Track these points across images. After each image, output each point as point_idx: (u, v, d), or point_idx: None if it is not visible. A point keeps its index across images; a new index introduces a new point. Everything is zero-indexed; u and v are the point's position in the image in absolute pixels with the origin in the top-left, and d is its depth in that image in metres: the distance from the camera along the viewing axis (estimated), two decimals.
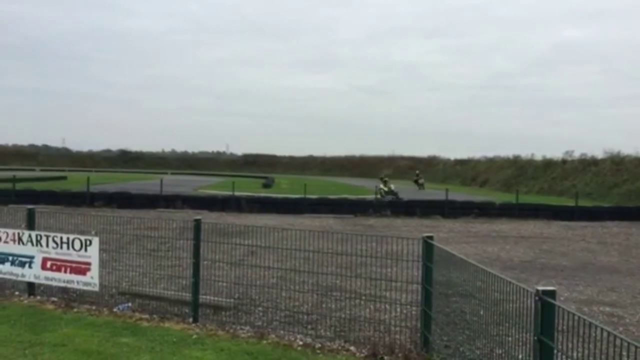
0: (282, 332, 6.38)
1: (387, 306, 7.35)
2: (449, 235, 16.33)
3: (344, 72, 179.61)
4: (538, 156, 53.66)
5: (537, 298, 3.56)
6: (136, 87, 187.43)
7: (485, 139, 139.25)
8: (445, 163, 75.86)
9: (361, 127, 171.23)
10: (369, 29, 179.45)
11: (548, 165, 50.17)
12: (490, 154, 65.68)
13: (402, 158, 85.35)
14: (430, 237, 5.91)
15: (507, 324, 4.33)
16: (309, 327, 6.62)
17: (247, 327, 6.46)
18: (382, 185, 30.27)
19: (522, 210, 22.29)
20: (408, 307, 7.20)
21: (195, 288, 6.72)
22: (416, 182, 45.23)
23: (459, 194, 31.70)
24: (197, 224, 6.77)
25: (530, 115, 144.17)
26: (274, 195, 26.16)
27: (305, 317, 6.97)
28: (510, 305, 4.14)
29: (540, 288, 3.60)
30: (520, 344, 4.09)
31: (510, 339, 4.30)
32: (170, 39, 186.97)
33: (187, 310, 6.94)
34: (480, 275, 4.72)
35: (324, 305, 7.55)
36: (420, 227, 17.44)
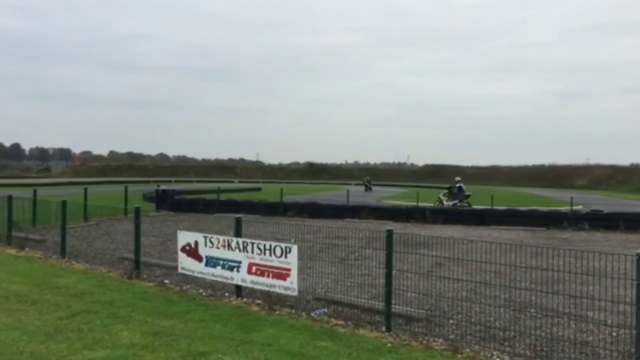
0: (476, 347, 6.21)
1: (592, 327, 6.78)
2: None
3: (530, 76, 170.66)
4: None
5: None
6: (322, 101, 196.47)
7: None
8: None
9: (550, 134, 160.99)
10: (560, 29, 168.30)
11: None
12: None
13: (599, 167, 78.37)
14: None
15: None
16: (506, 344, 6.35)
17: (440, 340, 6.39)
18: (441, 196, 28.32)
19: None
20: (617, 329, 6.59)
21: (388, 297, 6.82)
22: (366, 185, 47.37)
23: None
24: (389, 234, 6.88)
25: None
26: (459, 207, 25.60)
27: (501, 333, 6.71)
28: None
29: None
30: None
31: None
32: (354, 53, 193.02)
33: (379, 319, 7.08)
34: None
35: (520, 322, 7.19)
36: (626, 243, 15.78)
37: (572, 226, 20.09)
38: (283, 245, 7.75)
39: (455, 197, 27.25)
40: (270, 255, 7.79)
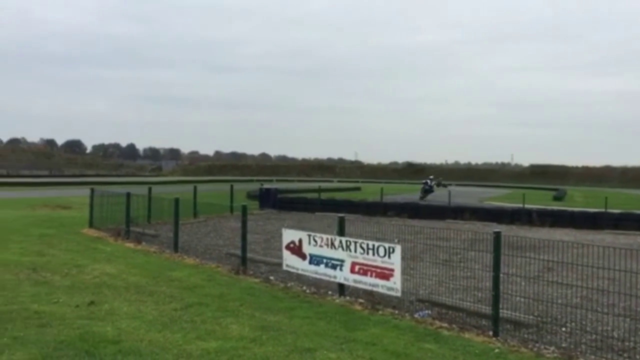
0: (592, 357, 5.89)
1: None
2: None
3: None
4: None
5: None
6: (420, 100, 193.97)
7: None
8: None
9: None
10: None
11: None
12: None
13: None
14: None
15: None
16: (625, 355, 5.98)
17: (552, 348, 6.12)
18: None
19: None
20: None
21: (496, 301, 6.63)
22: (438, 185, 38.88)
23: None
24: (497, 236, 6.68)
25: None
26: (569, 209, 24.38)
27: (619, 343, 6.32)
28: None
29: None
30: None
31: None
32: (453, 51, 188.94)
33: (485, 323, 6.90)
34: None
35: None
36: None
37: None
38: (386, 245, 7.74)
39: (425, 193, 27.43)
40: (374, 254, 7.81)
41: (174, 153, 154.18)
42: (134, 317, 6.89)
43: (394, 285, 7.57)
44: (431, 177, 37.97)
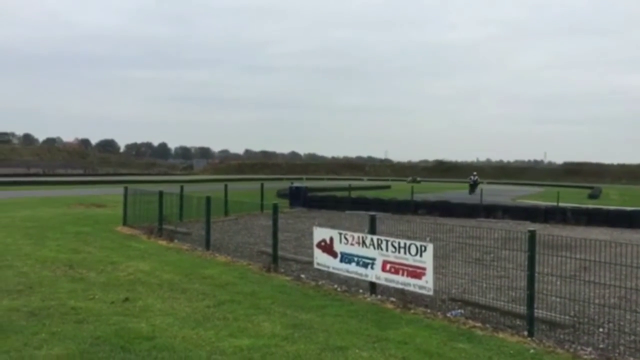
0: (631, 358, 5.75)
1: None
2: None
3: None
4: None
5: None
6: (452, 98, 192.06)
7: None
8: None
9: None
10: None
11: None
12: None
13: None
14: None
15: None
16: None
17: (589, 349, 6.00)
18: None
19: None
20: None
21: (530, 301, 6.52)
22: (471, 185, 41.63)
23: None
24: (532, 235, 6.57)
25: None
26: (604, 207, 23.84)
27: None
28: None
29: None
30: None
31: None
32: (487, 47, 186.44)
33: (520, 323, 6.79)
34: None
35: None
36: None
37: None
38: (418, 243, 7.69)
39: None
40: (405, 253, 7.75)
41: (204, 152, 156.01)
42: (167, 314, 6.98)
43: (426, 284, 7.51)
44: (475, 173, 45.86)
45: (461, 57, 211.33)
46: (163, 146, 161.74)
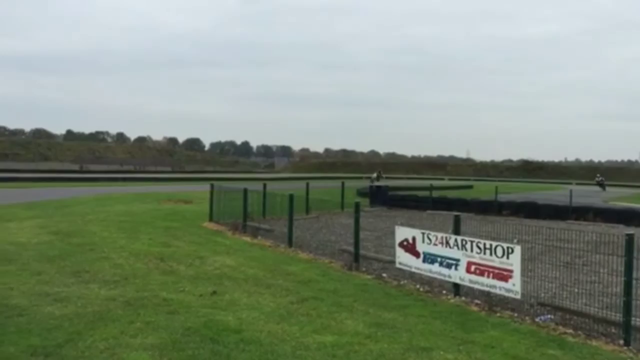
0: None
1: None
2: None
3: None
4: None
5: None
6: (538, 95, 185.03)
7: None
8: None
9: None
10: None
11: None
12: None
13: None
14: None
15: None
16: None
17: None
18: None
19: None
20: None
21: (627, 308, 6.20)
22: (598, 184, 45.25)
23: None
24: (630, 238, 6.24)
25: None
26: None
27: None
28: None
29: None
30: None
31: None
32: (578, 41, 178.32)
33: (615, 331, 6.47)
34: None
35: None
36: None
37: None
38: (505, 245, 7.48)
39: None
40: (491, 255, 7.57)
41: (285, 150, 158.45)
42: (253, 308, 7.16)
43: (513, 287, 7.30)
44: (598, 175, 55.37)
45: (551, 51, 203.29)
46: (245, 144, 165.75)
